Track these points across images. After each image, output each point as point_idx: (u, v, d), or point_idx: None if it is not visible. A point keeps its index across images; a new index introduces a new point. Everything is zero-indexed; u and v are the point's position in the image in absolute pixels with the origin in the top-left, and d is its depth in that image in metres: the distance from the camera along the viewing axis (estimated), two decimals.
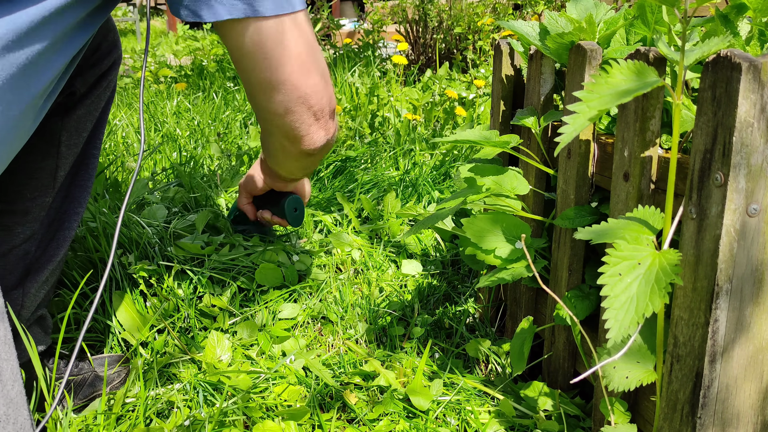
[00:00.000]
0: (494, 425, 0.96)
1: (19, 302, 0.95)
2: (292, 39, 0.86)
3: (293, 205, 1.29)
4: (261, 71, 0.87)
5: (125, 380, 1.08)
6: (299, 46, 0.87)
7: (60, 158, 0.96)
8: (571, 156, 0.92)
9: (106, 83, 1.00)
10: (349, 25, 4.47)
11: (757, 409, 0.69)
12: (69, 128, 0.97)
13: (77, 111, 0.97)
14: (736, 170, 0.61)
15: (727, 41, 0.69)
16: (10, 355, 0.77)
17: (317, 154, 1.02)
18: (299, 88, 0.90)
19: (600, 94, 0.63)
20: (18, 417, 0.76)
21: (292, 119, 0.94)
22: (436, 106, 2.32)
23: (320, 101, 0.94)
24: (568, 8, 1.01)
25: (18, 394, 0.76)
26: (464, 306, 1.27)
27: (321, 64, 0.92)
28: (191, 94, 2.93)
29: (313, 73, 0.90)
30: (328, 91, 0.95)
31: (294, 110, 0.92)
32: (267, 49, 0.86)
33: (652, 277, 0.63)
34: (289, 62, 0.87)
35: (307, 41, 0.88)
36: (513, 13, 3.21)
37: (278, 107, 0.92)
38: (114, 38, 1.01)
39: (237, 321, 1.22)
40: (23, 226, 0.95)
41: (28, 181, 0.95)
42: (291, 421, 0.95)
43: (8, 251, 0.95)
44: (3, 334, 0.76)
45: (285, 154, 1.05)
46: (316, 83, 0.91)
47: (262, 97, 0.91)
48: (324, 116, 0.96)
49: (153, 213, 1.50)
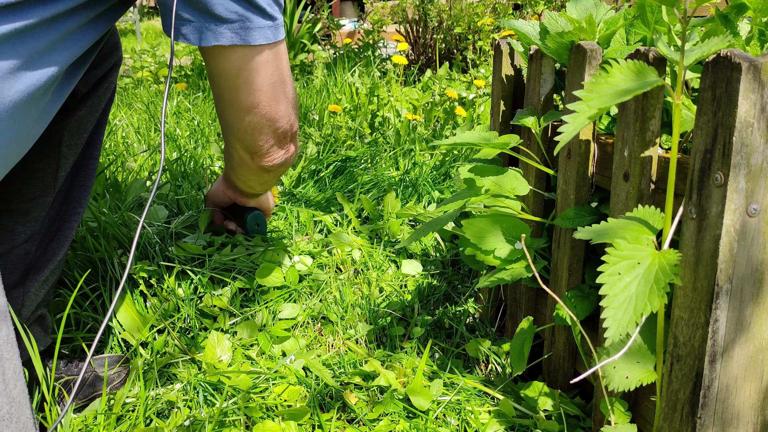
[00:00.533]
0: (494, 425, 0.96)
1: (20, 301, 0.96)
2: (269, 68, 0.93)
3: (254, 221, 1.38)
4: (237, 94, 0.94)
5: (125, 380, 1.08)
6: (274, 76, 0.95)
7: (61, 158, 0.97)
8: (571, 156, 0.92)
9: (107, 84, 1.01)
10: (349, 25, 4.47)
11: (757, 409, 0.69)
12: (70, 129, 0.97)
13: (78, 111, 0.97)
14: (736, 170, 0.61)
15: (727, 41, 0.69)
16: (13, 354, 0.78)
17: (274, 171, 1.10)
18: (270, 112, 0.99)
19: (600, 93, 0.63)
20: (20, 416, 0.76)
21: (256, 137, 1.01)
22: (436, 106, 2.32)
23: (285, 125, 1.02)
24: (568, 8, 1.01)
25: (20, 393, 0.77)
26: (464, 306, 1.26)
27: (290, 92, 1.01)
28: (191, 94, 2.93)
29: (282, 100, 0.99)
30: (293, 116, 1.04)
31: (260, 130, 1.00)
32: (247, 75, 0.92)
33: (651, 276, 0.63)
34: (263, 89, 0.95)
35: (282, 71, 0.96)
36: (513, 13, 3.21)
37: (247, 126, 0.99)
38: (115, 40, 1.02)
39: (237, 321, 1.22)
40: (24, 226, 0.96)
41: (29, 181, 0.95)
42: (291, 421, 0.95)
43: (9, 251, 0.95)
44: (6, 333, 0.76)
45: (245, 169, 1.12)
46: (285, 109, 1.00)
47: (234, 116, 0.99)
48: (285, 138, 1.05)
49: (153, 213, 1.50)
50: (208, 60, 0.92)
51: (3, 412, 0.74)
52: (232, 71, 0.91)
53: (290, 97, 1.01)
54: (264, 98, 0.96)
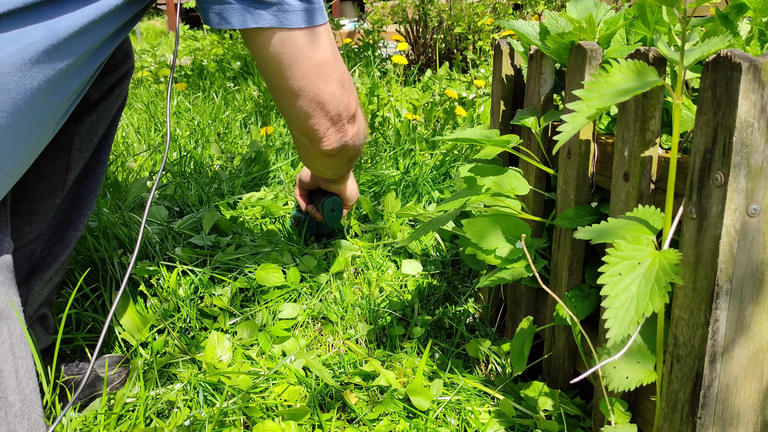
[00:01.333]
0: (494, 425, 0.96)
1: (23, 300, 0.96)
2: (312, 50, 0.93)
3: (331, 205, 1.39)
4: (283, 78, 0.94)
5: (125, 381, 1.08)
6: (318, 57, 0.94)
7: (71, 161, 0.99)
8: (571, 156, 0.92)
9: (119, 91, 1.02)
10: (349, 25, 4.47)
11: (758, 409, 0.69)
12: (81, 133, 0.99)
13: (90, 117, 0.99)
14: (736, 170, 0.61)
15: (727, 41, 0.69)
16: (26, 353, 0.78)
17: (336, 155, 1.09)
18: (317, 95, 0.97)
19: (600, 92, 0.63)
20: (32, 414, 0.76)
21: (311, 122, 1.01)
22: (436, 106, 2.32)
23: (337, 107, 1.01)
24: (568, 8, 1.01)
25: (32, 391, 0.77)
26: (464, 306, 1.26)
27: (339, 73, 0.99)
28: (191, 94, 2.92)
29: (331, 81, 0.97)
30: (345, 98, 1.01)
31: (312, 114, 1.00)
32: (289, 59, 0.92)
33: (652, 276, 0.63)
34: (308, 72, 0.94)
35: (326, 52, 0.95)
36: (513, 13, 3.21)
37: (298, 111, 0.99)
38: (127, 48, 1.04)
39: (237, 321, 1.22)
40: (31, 226, 0.97)
41: (39, 182, 0.96)
42: (291, 421, 0.95)
43: (16, 250, 0.96)
44: (19, 333, 0.77)
45: (306, 153, 1.12)
46: (333, 91, 0.98)
47: (285, 101, 0.99)
48: (341, 121, 1.03)
49: (153, 213, 1.50)
50: (252, 46, 0.93)
51: (15, 409, 0.75)
52: (274, 55, 0.92)
53: (339, 78, 0.99)
54: (308, 81, 0.95)
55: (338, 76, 0.99)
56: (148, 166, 1.97)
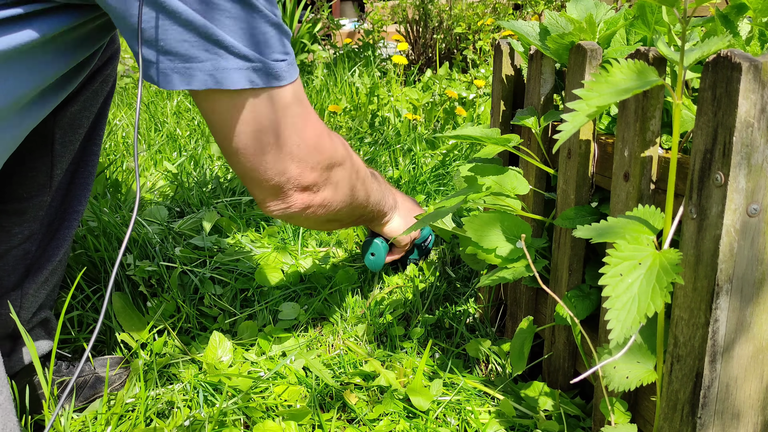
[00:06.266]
0: (494, 425, 0.96)
1: (18, 304, 0.95)
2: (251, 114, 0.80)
3: (370, 249, 1.29)
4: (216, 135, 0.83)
5: (125, 382, 1.08)
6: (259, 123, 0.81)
7: (55, 156, 0.95)
8: (571, 156, 0.92)
9: (102, 78, 0.97)
10: (349, 25, 4.47)
11: (758, 409, 0.69)
12: (62, 125, 0.94)
13: (70, 108, 0.94)
14: (736, 170, 0.61)
15: (727, 41, 0.69)
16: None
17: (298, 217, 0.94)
18: (253, 163, 0.85)
19: (600, 91, 0.63)
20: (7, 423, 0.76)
21: (247, 184, 0.90)
22: (436, 106, 2.32)
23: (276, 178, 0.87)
24: (568, 8, 1.01)
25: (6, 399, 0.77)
26: (464, 306, 1.26)
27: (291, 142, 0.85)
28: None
29: (270, 150, 0.84)
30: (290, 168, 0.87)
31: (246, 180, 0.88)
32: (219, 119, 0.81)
33: (653, 276, 0.63)
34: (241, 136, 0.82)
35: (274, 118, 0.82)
36: (513, 13, 3.21)
37: (235, 170, 0.88)
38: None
39: (237, 321, 1.22)
40: (21, 226, 0.95)
41: (23, 180, 0.94)
42: (291, 421, 0.95)
43: (6, 252, 0.94)
44: None
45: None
46: (271, 161, 0.84)
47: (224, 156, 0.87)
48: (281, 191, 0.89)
49: (153, 213, 1.50)
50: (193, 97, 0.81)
51: None
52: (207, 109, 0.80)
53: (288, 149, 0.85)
54: (243, 146, 0.82)
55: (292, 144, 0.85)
56: (148, 166, 1.97)
